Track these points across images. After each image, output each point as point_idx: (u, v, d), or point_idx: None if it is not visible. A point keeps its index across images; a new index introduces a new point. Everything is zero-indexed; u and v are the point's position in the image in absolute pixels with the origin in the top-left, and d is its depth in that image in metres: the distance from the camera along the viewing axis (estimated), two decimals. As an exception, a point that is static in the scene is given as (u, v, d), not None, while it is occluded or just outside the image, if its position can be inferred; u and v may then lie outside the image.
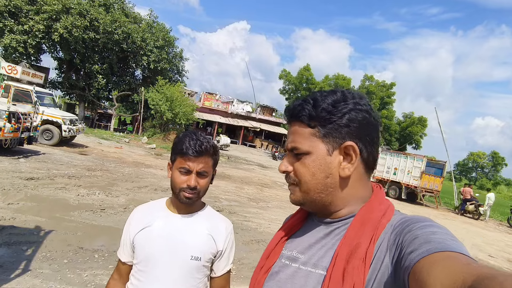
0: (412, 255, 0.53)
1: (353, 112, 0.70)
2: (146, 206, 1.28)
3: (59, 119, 11.61)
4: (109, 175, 8.45)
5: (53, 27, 20.24)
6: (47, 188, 6.13)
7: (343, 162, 0.71)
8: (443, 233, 0.56)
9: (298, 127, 0.73)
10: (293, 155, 0.74)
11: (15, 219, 4.40)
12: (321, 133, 0.70)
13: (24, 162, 7.97)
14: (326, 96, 0.71)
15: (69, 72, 24.40)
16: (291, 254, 0.76)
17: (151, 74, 25.90)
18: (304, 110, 0.71)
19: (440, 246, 0.51)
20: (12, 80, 11.40)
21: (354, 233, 0.66)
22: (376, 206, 0.70)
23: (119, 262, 1.26)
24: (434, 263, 0.48)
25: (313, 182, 0.71)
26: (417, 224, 0.60)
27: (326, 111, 0.70)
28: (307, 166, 0.71)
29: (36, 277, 3.12)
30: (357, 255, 0.62)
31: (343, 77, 29.69)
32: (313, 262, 0.70)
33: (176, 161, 1.17)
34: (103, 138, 18.38)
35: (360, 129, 0.70)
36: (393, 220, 0.67)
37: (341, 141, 0.70)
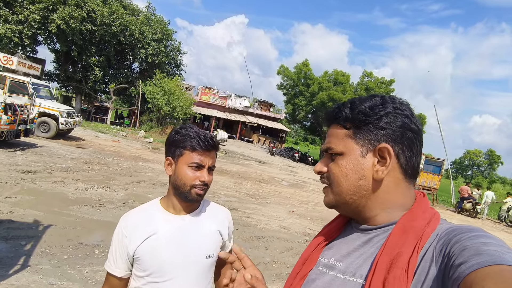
0: (461, 268, 0.49)
1: (391, 116, 0.69)
2: (140, 213, 1.17)
3: (56, 111, 11.45)
4: (107, 169, 8.36)
5: (49, 17, 19.92)
6: (44, 181, 6.04)
7: (377, 164, 0.69)
8: (496, 244, 0.52)
9: (334, 129, 0.74)
10: (329, 156, 0.74)
11: (13, 213, 4.32)
12: (355, 134, 0.70)
13: (21, 155, 7.86)
14: (364, 100, 0.72)
15: (66, 64, 24.10)
16: (328, 262, 0.74)
17: (148, 68, 25.65)
18: (341, 113, 0.72)
19: (493, 259, 0.47)
20: (7, 71, 11.20)
21: (395, 241, 0.63)
22: (419, 214, 0.67)
23: (111, 278, 1.13)
24: (485, 277, 0.45)
25: (346, 183, 0.70)
26: (466, 234, 0.56)
27: (362, 113, 0.70)
28: (340, 167, 0.71)
29: (36, 273, 3.06)
30: (398, 264, 0.59)
31: (342, 73, 29.52)
32: (351, 271, 0.68)
33: (185, 156, 1.10)
34: (100, 131, 18.23)
35: (397, 132, 0.68)
36: (438, 229, 0.64)
37: (376, 143, 0.69)
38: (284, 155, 28.17)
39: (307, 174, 18.38)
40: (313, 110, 29.55)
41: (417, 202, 0.71)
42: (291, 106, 31.66)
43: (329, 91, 26.98)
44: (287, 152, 28.85)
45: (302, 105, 29.85)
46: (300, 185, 13.31)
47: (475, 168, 70.60)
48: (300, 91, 30.50)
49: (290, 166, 21.10)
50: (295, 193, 10.99)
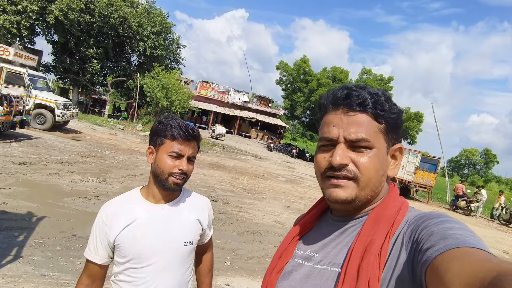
0: (429, 252, 0.51)
1: (401, 114, 0.72)
2: (120, 201, 1.19)
3: (52, 103, 11.39)
4: (103, 161, 8.34)
5: (47, 8, 19.73)
6: (39, 173, 6.02)
7: (391, 162, 0.72)
8: (460, 228, 0.55)
9: (364, 118, 0.68)
10: (351, 147, 0.68)
11: (7, 204, 4.31)
12: (386, 130, 0.69)
13: (16, 146, 7.82)
14: (383, 93, 0.71)
15: (63, 56, 23.91)
16: (305, 253, 0.75)
17: (147, 61, 25.52)
18: (374, 103, 0.68)
19: (458, 241, 0.50)
20: (4, 62, 11.11)
21: (369, 230, 0.66)
22: (390, 203, 0.70)
23: (91, 265, 1.15)
24: (452, 259, 0.47)
25: (375, 178, 0.69)
26: (433, 220, 0.59)
27: (392, 109, 0.70)
28: (373, 161, 0.68)
29: (28, 264, 3.06)
30: (371, 251, 0.61)
31: (340, 70, 29.51)
32: (327, 261, 0.70)
33: (165, 145, 1.13)
34: (97, 124, 18.15)
35: (401, 130, 0.74)
36: (408, 217, 0.67)
37: (395, 141, 0.72)
38: (282, 151, 28.19)
39: (304, 170, 18.42)
40: (311, 106, 29.53)
41: (389, 192, 0.73)
42: (289, 102, 31.65)
43: (328, 87, 26.99)
44: (285, 148, 28.87)
45: (301, 101, 29.85)
46: (297, 181, 13.34)
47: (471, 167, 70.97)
48: (299, 87, 30.46)
49: (288, 162, 21.13)
50: (292, 188, 11.02)
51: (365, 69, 30.27)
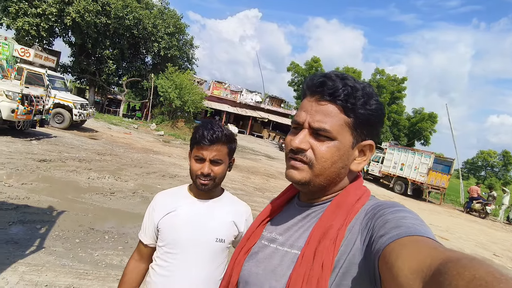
0: (382, 239, 0.54)
1: (379, 111, 0.71)
2: (168, 192, 1.36)
3: (70, 103, 11.77)
4: (118, 160, 8.60)
5: (65, 10, 20.31)
6: (58, 170, 6.28)
7: (358, 157, 0.73)
8: (413, 218, 0.58)
9: (332, 109, 0.69)
10: (314, 134, 0.70)
11: (29, 199, 4.55)
12: (354, 125, 0.70)
13: (36, 144, 8.15)
14: (363, 87, 0.70)
15: (80, 57, 24.55)
16: (271, 236, 0.79)
17: (161, 61, 25.93)
18: (346, 96, 0.68)
19: (409, 230, 0.53)
20: (24, 63, 11.55)
21: (328, 216, 0.69)
22: (352, 191, 0.72)
23: (141, 244, 1.33)
24: (403, 246, 0.49)
25: (331, 169, 0.70)
26: (388, 209, 0.62)
27: (363, 104, 0.69)
28: (331, 152, 0.69)
29: (50, 254, 3.25)
30: (328, 236, 0.65)
31: (353, 70, 29.31)
32: (289, 243, 0.73)
33: (193, 150, 1.26)
34: (113, 123, 18.59)
35: (377, 128, 0.73)
36: (366, 205, 0.70)
37: (364, 138, 0.72)
38: (293, 151, 28.15)
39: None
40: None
41: (353, 182, 0.76)
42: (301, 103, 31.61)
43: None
44: (296, 148, 28.82)
45: (313, 102, 29.76)
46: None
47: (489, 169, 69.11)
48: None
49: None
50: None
51: (378, 69, 29.97)
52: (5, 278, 2.72)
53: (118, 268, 3.28)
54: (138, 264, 1.34)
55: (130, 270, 1.33)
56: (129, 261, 1.36)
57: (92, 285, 2.92)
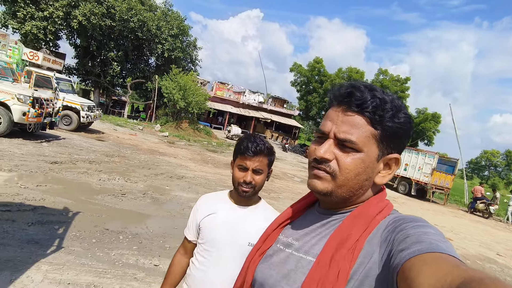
0: (402, 254, 0.54)
1: (408, 125, 0.71)
2: (211, 196, 1.51)
3: (77, 105, 11.95)
4: (126, 161, 8.76)
5: (71, 14, 20.56)
6: (70, 172, 6.44)
7: (383, 170, 0.72)
8: (435, 234, 0.57)
9: (359, 121, 0.69)
10: (339, 145, 0.70)
11: (45, 200, 4.70)
12: (381, 137, 0.69)
13: (47, 146, 8.32)
14: (392, 99, 0.70)
15: (85, 59, 24.80)
16: (287, 240, 0.80)
17: (164, 63, 26.15)
18: (374, 108, 0.68)
19: (431, 246, 0.52)
20: (33, 66, 11.74)
21: (347, 225, 0.69)
22: (374, 203, 0.72)
23: (185, 240, 1.50)
24: (424, 263, 0.49)
25: (354, 181, 0.70)
26: (410, 224, 0.61)
27: (391, 117, 0.68)
28: (355, 164, 0.69)
29: (70, 254, 3.39)
30: (346, 245, 0.64)
31: (356, 70, 29.37)
32: (305, 249, 0.73)
33: (237, 159, 1.39)
34: (118, 124, 18.78)
35: (404, 141, 0.73)
36: (388, 218, 0.69)
37: (391, 151, 0.71)
38: (297, 151, 28.29)
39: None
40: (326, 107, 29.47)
41: (377, 194, 0.76)
42: (304, 103, 31.70)
43: (343, 88, 26.81)
44: (300, 149, 28.98)
45: (316, 102, 29.88)
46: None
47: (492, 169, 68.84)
48: (314, 88, 30.46)
49: (302, 163, 21.24)
50: (307, 189, 11.16)
51: (381, 69, 29.98)
52: (30, 276, 2.86)
53: (134, 268, 3.42)
54: (182, 258, 1.50)
55: (175, 262, 1.50)
56: (175, 254, 1.53)
57: (111, 283, 3.05)
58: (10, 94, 7.94)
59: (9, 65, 9.24)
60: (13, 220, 3.84)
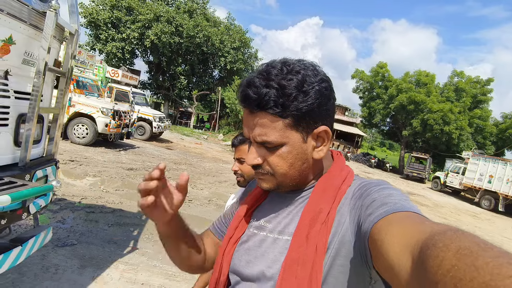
0: (370, 217, 0.54)
1: (321, 92, 0.65)
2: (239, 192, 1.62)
3: (150, 116, 12.99)
4: (193, 169, 9.19)
5: (145, 34, 22.67)
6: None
7: (317, 145, 0.70)
8: (398, 194, 0.58)
9: (267, 120, 0.65)
10: (263, 147, 0.69)
11: (122, 204, 5.10)
12: (295, 122, 0.66)
13: (124, 154, 9.14)
14: (290, 79, 0.64)
15: (157, 74, 27.04)
16: (259, 223, 0.78)
17: (227, 75, 27.26)
18: (274, 101, 0.63)
19: (396, 207, 0.53)
20: (114, 82, 13.12)
21: (316, 199, 0.68)
22: (337, 173, 0.72)
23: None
24: (391, 223, 0.50)
25: (291, 171, 0.69)
26: (374, 188, 0.62)
27: (294, 100, 0.64)
28: (284, 158, 0.68)
29: (143, 255, 3.59)
30: (319, 219, 0.64)
31: (425, 73, 27.03)
32: (279, 230, 0.72)
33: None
34: (185, 134, 19.96)
35: (327, 109, 0.68)
36: (353, 185, 0.70)
37: (314, 125, 0.68)
38: (360, 160, 27.00)
39: (386, 182, 17.29)
40: (391, 114, 27.63)
41: (334, 162, 0.76)
42: (367, 110, 30.11)
43: (410, 93, 24.91)
44: (363, 158, 27.61)
45: (379, 109, 28.16)
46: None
47: None
48: (378, 94, 28.75)
49: (366, 172, 20.15)
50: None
51: (456, 71, 27.23)
52: (110, 274, 3.08)
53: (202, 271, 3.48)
54: None
55: None
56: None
57: (180, 286, 3.14)
58: (96, 108, 8.93)
59: (95, 82, 10.45)
60: (96, 221, 4.23)
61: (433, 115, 23.22)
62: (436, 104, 23.41)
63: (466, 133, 24.22)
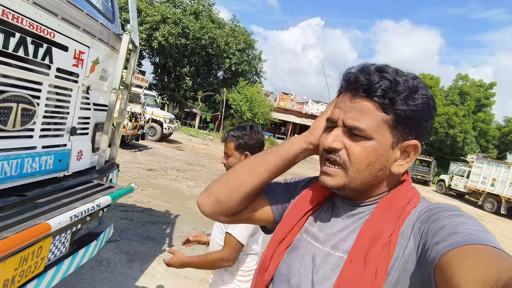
0: (439, 246, 0.49)
1: (426, 106, 0.63)
2: None
3: (161, 118, 13.27)
4: (206, 170, 9.45)
5: (153, 35, 22.94)
6: (163, 178, 7.21)
7: (400, 158, 0.66)
8: (472, 223, 0.52)
9: (368, 106, 0.63)
10: (348, 133, 0.65)
11: (150, 203, 5.36)
12: (394, 123, 0.63)
13: (140, 155, 9.41)
14: (406, 80, 0.63)
15: (162, 75, 27.31)
16: (313, 231, 0.73)
17: (231, 76, 27.53)
18: (384, 91, 0.61)
19: (471, 238, 0.47)
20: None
21: (378, 218, 0.64)
22: (402, 192, 0.67)
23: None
24: (464, 255, 0.44)
25: (367, 172, 0.64)
26: (444, 213, 0.57)
27: (405, 100, 0.61)
28: (366, 153, 0.63)
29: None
30: (380, 240, 0.60)
31: (430, 76, 27.36)
32: (332, 244, 0.68)
33: None
34: (191, 135, 20.22)
35: (426, 126, 0.66)
36: (418, 207, 0.65)
37: (408, 137, 0.65)
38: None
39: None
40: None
41: (402, 182, 0.71)
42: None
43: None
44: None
45: (384, 111, 28.43)
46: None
47: None
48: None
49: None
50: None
51: (461, 74, 27.50)
52: (155, 268, 3.34)
53: (234, 268, 3.75)
54: None
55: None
56: None
57: (218, 280, 3.41)
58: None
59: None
60: (131, 219, 4.49)
61: (438, 118, 23.52)
62: (441, 107, 23.70)
63: (470, 137, 24.50)
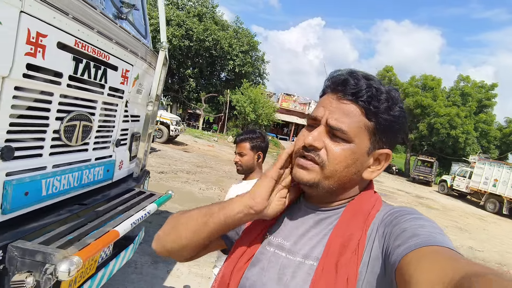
0: (399, 249, 0.52)
1: (403, 119, 0.67)
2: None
3: (168, 120, 13.44)
4: (215, 172, 9.62)
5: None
6: (175, 181, 7.38)
7: (372, 165, 0.69)
8: (431, 226, 0.55)
9: (353, 109, 0.65)
10: (330, 134, 0.66)
11: (166, 206, 5.43)
12: (374, 131, 0.65)
13: (150, 157, 9.55)
14: (388, 91, 0.66)
15: (166, 77, 27.46)
16: (277, 241, 0.72)
17: (235, 77, 27.69)
18: (369, 97, 0.64)
19: (428, 240, 0.50)
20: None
21: (346, 223, 0.65)
22: (367, 198, 0.69)
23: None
24: (421, 257, 0.47)
25: (343, 173, 0.66)
26: (405, 217, 0.59)
27: (387, 109, 0.65)
28: (345, 155, 0.65)
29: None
30: (350, 247, 0.61)
31: (432, 77, 27.46)
32: (303, 253, 0.67)
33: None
34: (196, 136, 20.40)
35: (398, 136, 0.69)
36: (381, 211, 0.67)
37: (382, 145, 0.67)
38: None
39: (393, 184, 17.73)
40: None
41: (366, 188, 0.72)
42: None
43: (417, 96, 25.40)
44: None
45: (386, 112, 28.56)
46: (388, 195, 13.05)
47: None
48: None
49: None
50: (385, 203, 10.90)
51: (462, 75, 27.63)
52: (179, 269, 3.51)
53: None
54: None
55: None
56: None
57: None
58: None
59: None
60: (150, 222, 4.65)
61: (440, 119, 23.68)
62: (443, 108, 23.87)
63: (472, 137, 24.64)
